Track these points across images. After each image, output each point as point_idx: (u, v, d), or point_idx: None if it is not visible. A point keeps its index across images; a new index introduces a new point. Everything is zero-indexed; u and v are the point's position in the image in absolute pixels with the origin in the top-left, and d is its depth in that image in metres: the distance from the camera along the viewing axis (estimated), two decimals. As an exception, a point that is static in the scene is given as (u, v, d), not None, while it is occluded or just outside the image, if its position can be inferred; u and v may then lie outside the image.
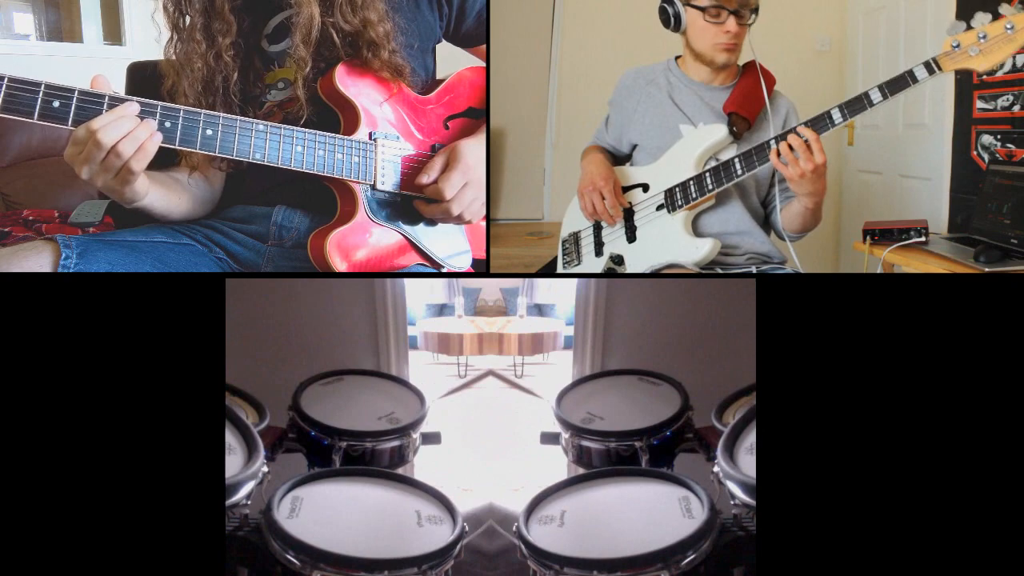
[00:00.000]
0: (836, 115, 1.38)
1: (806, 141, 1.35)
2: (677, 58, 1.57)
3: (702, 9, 1.45)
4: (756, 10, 1.46)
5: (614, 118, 1.62)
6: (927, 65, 1.35)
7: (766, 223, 1.57)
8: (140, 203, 1.19)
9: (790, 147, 1.36)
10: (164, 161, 1.30)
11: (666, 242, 1.50)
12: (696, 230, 1.50)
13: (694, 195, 1.48)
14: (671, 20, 1.50)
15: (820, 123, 1.39)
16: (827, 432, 1.12)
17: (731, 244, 1.51)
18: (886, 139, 2.43)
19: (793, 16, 2.54)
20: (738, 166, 1.45)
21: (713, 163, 1.48)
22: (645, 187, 1.53)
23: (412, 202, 1.32)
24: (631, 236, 1.53)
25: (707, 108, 1.52)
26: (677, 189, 1.49)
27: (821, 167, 1.37)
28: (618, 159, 1.62)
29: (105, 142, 1.04)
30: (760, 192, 1.55)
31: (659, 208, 1.51)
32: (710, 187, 1.47)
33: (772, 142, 1.40)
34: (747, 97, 1.49)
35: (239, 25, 1.25)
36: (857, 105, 1.37)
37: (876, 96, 1.36)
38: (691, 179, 1.48)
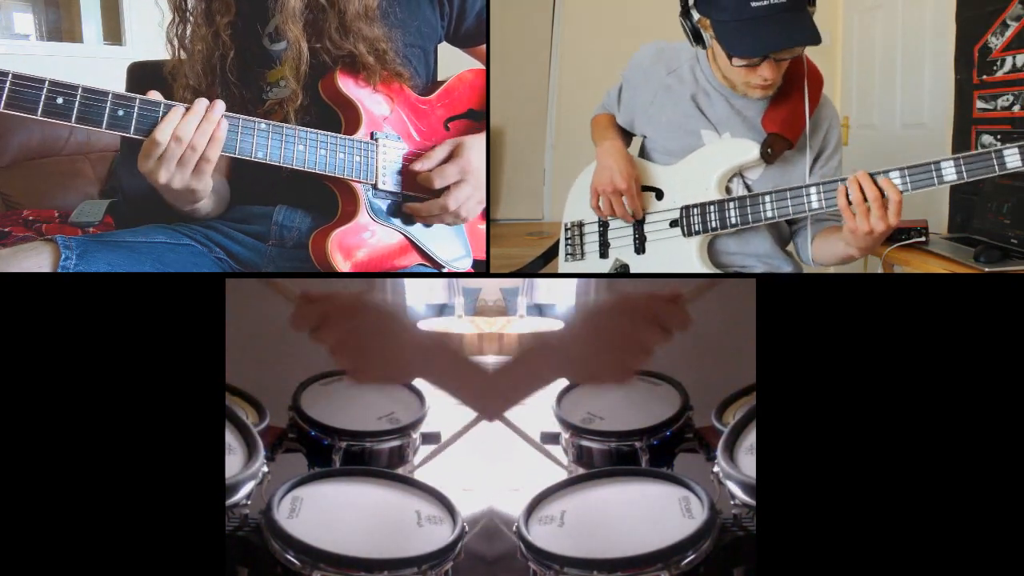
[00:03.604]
0: (948, 170, 1.14)
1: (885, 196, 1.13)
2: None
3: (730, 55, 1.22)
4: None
5: (626, 97, 1.45)
6: None
7: (788, 240, 1.43)
8: (202, 209, 1.26)
9: (863, 194, 1.13)
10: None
11: (677, 267, 1.37)
12: (712, 249, 1.37)
13: (714, 224, 1.32)
14: (692, 38, 1.28)
15: (922, 177, 1.15)
16: (827, 432, 1.12)
17: (748, 265, 1.38)
18: (883, 139, 2.43)
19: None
20: (768, 206, 1.28)
21: (738, 185, 1.33)
22: (659, 193, 1.38)
23: (405, 206, 1.31)
24: (639, 247, 1.40)
25: (737, 117, 1.33)
26: (695, 212, 1.33)
27: (891, 229, 1.16)
28: (627, 135, 1.48)
29: (184, 137, 1.09)
30: None
31: (673, 224, 1.36)
32: (734, 221, 1.30)
33: (841, 181, 1.18)
34: (791, 113, 1.29)
35: (238, 7, 1.25)
36: (982, 163, 1.13)
37: (1014, 160, 1.10)
38: (712, 204, 1.32)
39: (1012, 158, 1.11)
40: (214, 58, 1.25)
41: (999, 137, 1.89)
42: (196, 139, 1.10)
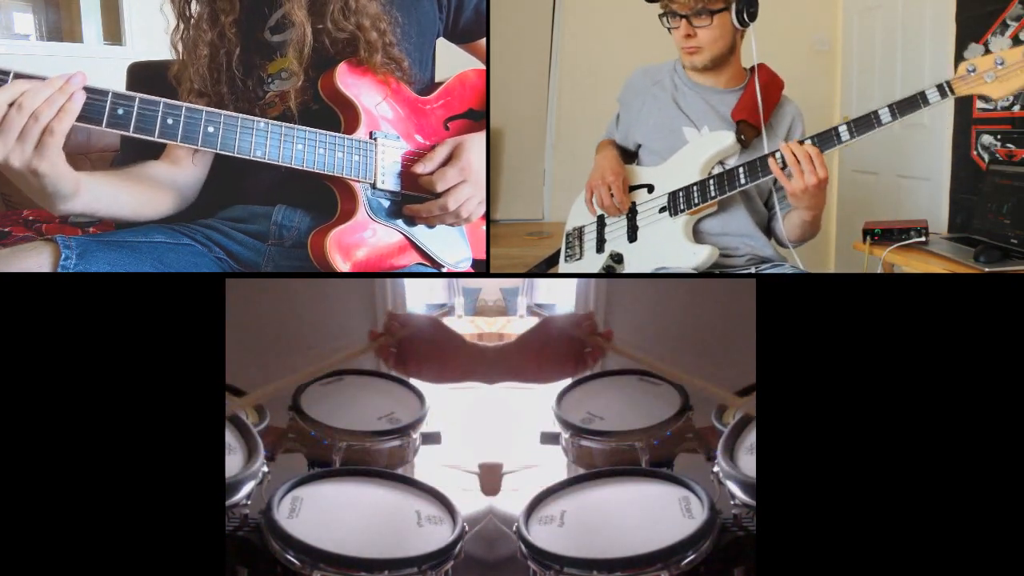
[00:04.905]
0: (843, 132, 1.36)
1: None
2: None
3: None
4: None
5: (623, 116, 1.62)
6: (940, 88, 1.33)
7: (768, 226, 1.56)
8: (78, 206, 1.13)
9: (796, 158, 1.34)
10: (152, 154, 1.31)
11: (665, 246, 1.50)
12: (697, 232, 1.50)
13: (696, 200, 1.48)
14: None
15: (826, 140, 1.37)
16: (827, 432, 1.12)
17: (731, 246, 1.50)
18: (882, 139, 2.42)
19: (789, 15, 2.54)
20: (742, 175, 1.44)
21: (718, 169, 1.48)
22: (650, 188, 1.52)
23: (405, 207, 1.31)
24: (632, 236, 1.53)
25: (713, 112, 1.50)
26: (680, 193, 1.49)
27: (823, 182, 1.35)
28: (629, 155, 1.62)
29: (28, 107, 0.98)
30: (763, 195, 1.54)
31: (661, 210, 1.51)
32: (713, 194, 1.47)
33: (776, 153, 1.39)
34: (756, 104, 1.48)
35: (241, 3, 1.25)
36: (865, 124, 1.36)
37: (886, 116, 1.34)
38: (695, 184, 1.48)
39: (932, 95, 1.34)
40: (220, 57, 1.24)
41: (999, 137, 1.89)
42: (41, 108, 0.99)
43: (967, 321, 1.12)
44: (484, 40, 1.46)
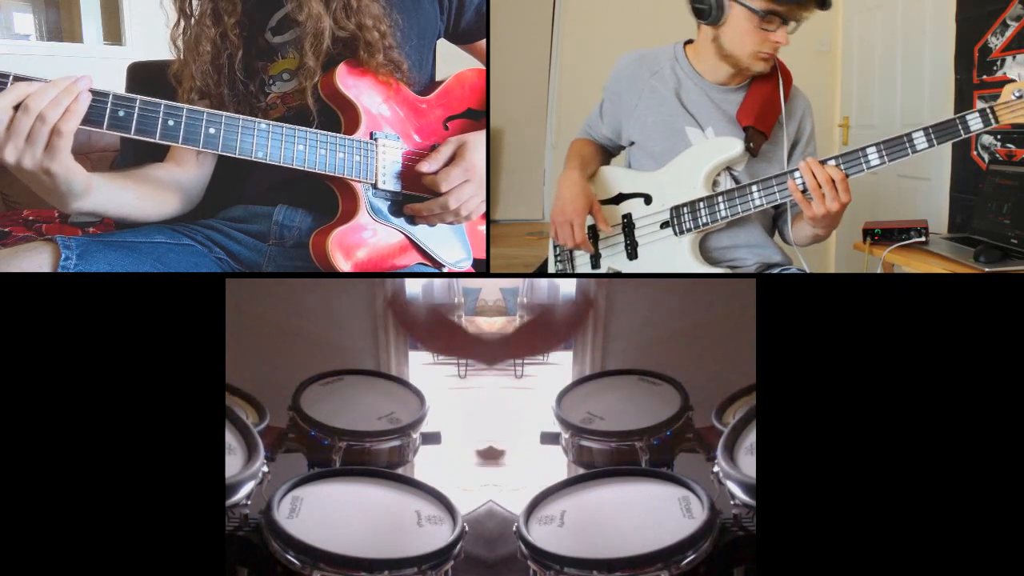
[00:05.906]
0: (873, 156, 1.26)
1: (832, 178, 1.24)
2: (686, 43, 1.41)
3: (755, 12, 1.28)
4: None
5: (610, 107, 1.48)
6: (983, 114, 1.21)
7: (773, 224, 1.47)
8: (89, 204, 1.13)
9: (818, 183, 1.24)
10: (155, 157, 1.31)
11: (671, 267, 1.39)
12: (704, 246, 1.39)
13: (704, 220, 1.35)
14: (711, 11, 1.31)
15: (853, 163, 1.26)
16: (827, 432, 1.12)
17: (740, 257, 1.41)
18: (882, 139, 2.43)
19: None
20: (756, 195, 1.32)
21: (725, 179, 1.37)
22: (647, 198, 1.40)
23: (405, 206, 1.31)
24: (632, 253, 1.42)
25: (717, 111, 1.38)
26: (685, 209, 1.36)
27: (845, 207, 1.26)
28: (611, 150, 1.52)
29: (33, 108, 0.99)
30: None
31: (663, 226, 1.39)
32: (723, 214, 1.34)
33: (795, 173, 1.28)
34: (764, 106, 1.36)
35: (243, 5, 1.25)
36: (898, 148, 1.25)
37: (921, 142, 1.23)
38: (702, 200, 1.35)
39: (974, 122, 1.22)
40: (221, 58, 1.24)
41: (999, 137, 1.89)
42: (47, 110, 0.99)
43: (967, 321, 1.13)
44: (484, 41, 1.46)
